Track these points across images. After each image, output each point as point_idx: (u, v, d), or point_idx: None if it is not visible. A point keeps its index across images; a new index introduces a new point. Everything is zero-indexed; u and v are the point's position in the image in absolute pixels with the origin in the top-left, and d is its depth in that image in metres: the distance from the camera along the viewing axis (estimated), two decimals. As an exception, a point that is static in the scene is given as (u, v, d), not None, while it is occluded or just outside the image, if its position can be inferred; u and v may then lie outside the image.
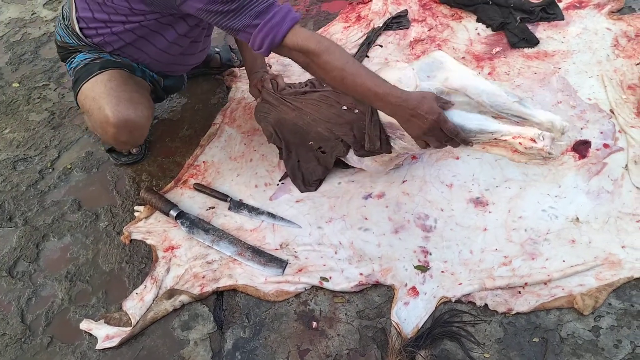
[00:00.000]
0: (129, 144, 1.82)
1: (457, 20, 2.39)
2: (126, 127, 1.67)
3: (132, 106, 1.67)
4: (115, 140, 1.73)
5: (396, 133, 1.59)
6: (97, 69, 1.71)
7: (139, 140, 1.78)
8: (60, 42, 1.84)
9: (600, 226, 1.61)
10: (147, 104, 1.75)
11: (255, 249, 1.70)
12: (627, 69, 2.05)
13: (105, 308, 1.65)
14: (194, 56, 1.92)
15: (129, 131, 1.69)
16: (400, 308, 1.51)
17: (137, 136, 1.74)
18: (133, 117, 1.67)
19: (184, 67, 1.97)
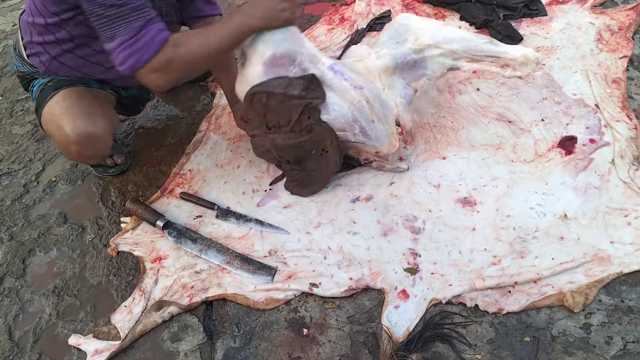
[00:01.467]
0: (96, 158, 1.80)
1: (440, 19, 2.38)
2: (88, 141, 1.66)
3: (90, 120, 1.66)
4: (80, 156, 1.73)
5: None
6: (52, 91, 1.70)
7: (104, 151, 1.77)
8: (18, 73, 1.84)
9: (589, 222, 1.61)
10: (106, 115, 1.73)
11: (243, 257, 1.68)
12: (611, 62, 2.05)
13: (93, 322, 1.63)
14: None
15: (92, 145, 1.68)
16: (391, 312, 1.50)
17: (101, 148, 1.72)
18: (92, 130, 1.65)
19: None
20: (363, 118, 1.64)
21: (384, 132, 1.70)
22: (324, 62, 1.58)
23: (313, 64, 1.56)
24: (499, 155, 1.82)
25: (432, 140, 1.91)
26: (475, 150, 1.85)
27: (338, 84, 1.59)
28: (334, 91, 1.59)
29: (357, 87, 1.61)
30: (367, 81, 1.67)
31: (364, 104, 1.62)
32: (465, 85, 2.07)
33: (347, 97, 1.61)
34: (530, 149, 1.82)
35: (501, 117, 1.93)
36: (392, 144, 1.74)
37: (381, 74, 1.70)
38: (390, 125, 1.72)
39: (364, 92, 1.63)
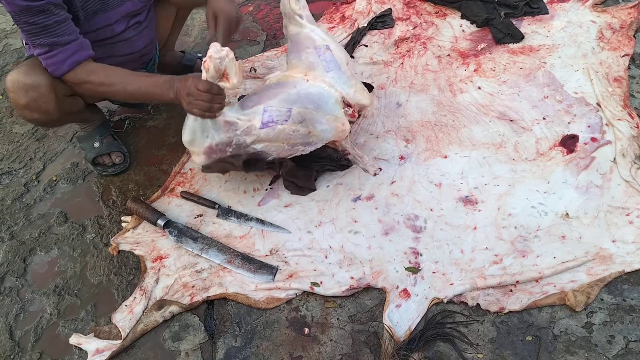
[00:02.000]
0: (35, 110, 1.72)
1: (441, 18, 2.38)
2: (20, 87, 1.66)
3: (30, 71, 1.67)
4: (17, 104, 1.71)
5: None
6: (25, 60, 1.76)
7: (42, 104, 1.70)
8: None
9: (590, 221, 1.61)
10: (47, 71, 1.69)
11: (244, 256, 1.68)
12: (613, 61, 2.04)
13: (94, 321, 1.63)
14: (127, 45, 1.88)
15: (23, 92, 1.67)
16: (392, 311, 1.50)
17: (34, 97, 1.67)
18: (23, 78, 1.66)
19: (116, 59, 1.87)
20: (300, 139, 1.71)
21: (327, 128, 1.73)
22: (255, 125, 1.66)
23: (247, 135, 1.66)
24: (501, 154, 1.82)
25: (433, 139, 1.91)
26: (476, 149, 1.85)
27: (272, 134, 1.67)
28: (269, 141, 1.68)
29: (287, 119, 1.67)
30: (290, 91, 1.72)
31: (297, 128, 1.69)
32: (466, 84, 2.06)
33: (280, 136, 1.68)
34: (532, 147, 1.82)
35: (502, 116, 1.93)
36: (340, 129, 1.76)
37: (294, 68, 1.83)
38: (333, 112, 1.73)
39: (292, 113, 1.68)
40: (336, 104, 1.75)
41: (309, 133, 1.71)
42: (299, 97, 1.71)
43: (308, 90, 1.73)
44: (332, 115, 1.73)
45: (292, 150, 1.74)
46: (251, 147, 1.69)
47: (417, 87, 2.10)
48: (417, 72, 2.16)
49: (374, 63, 2.23)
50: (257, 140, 1.68)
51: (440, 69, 2.15)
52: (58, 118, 1.79)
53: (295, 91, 1.72)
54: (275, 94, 1.72)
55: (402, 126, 1.97)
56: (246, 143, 1.68)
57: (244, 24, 2.59)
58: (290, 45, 1.88)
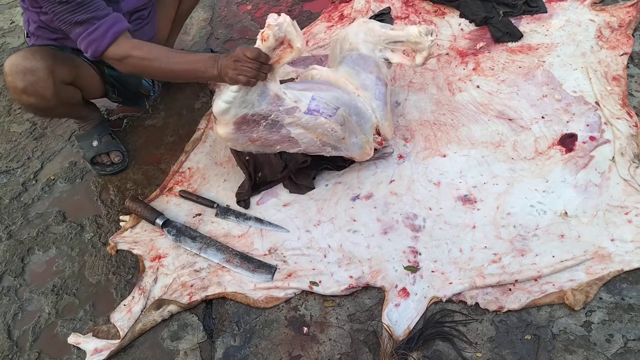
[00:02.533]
0: (32, 94, 1.71)
1: (440, 16, 2.37)
2: (18, 71, 1.66)
3: (29, 56, 1.67)
4: (14, 88, 1.70)
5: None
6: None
7: (39, 88, 1.69)
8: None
9: (589, 220, 1.61)
10: (49, 58, 1.69)
11: (243, 255, 1.68)
12: (612, 60, 2.04)
13: (93, 321, 1.63)
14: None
15: (21, 75, 1.66)
16: (391, 310, 1.50)
17: (32, 81, 1.67)
18: (23, 62, 1.66)
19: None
20: (333, 140, 1.71)
21: (358, 143, 1.77)
22: (300, 109, 1.62)
23: (289, 115, 1.62)
24: (499, 152, 1.82)
25: (432, 137, 1.90)
26: (475, 147, 1.85)
27: (312, 123, 1.65)
28: (305, 129, 1.66)
29: (331, 115, 1.67)
30: (342, 94, 1.72)
31: (335, 128, 1.68)
32: (465, 83, 2.06)
33: (318, 130, 1.67)
34: (531, 146, 1.82)
35: (501, 115, 1.93)
36: (366, 152, 1.80)
37: (347, 79, 1.80)
38: (367, 135, 1.77)
39: (338, 112, 1.68)
40: (372, 128, 1.79)
41: (342, 139, 1.72)
42: (349, 104, 1.72)
43: (357, 104, 1.76)
44: (366, 137, 1.78)
45: (320, 148, 1.74)
46: (286, 128, 1.64)
47: (415, 86, 2.10)
48: (416, 70, 2.16)
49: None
50: (294, 124, 1.63)
51: (439, 68, 2.15)
52: (55, 105, 1.77)
53: (348, 97, 1.74)
54: (328, 89, 1.72)
55: (401, 125, 1.97)
56: (283, 123, 1.62)
57: (242, 22, 2.59)
58: (356, 58, 1.83)
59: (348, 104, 1.72)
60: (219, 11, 2.68)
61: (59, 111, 1.89)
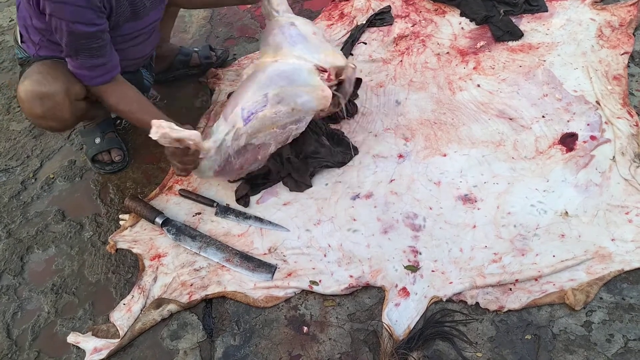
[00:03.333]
0: (51, 119, 1.71)
1: (440, 15, 2.37)
2: (34, 97, 1.64)
3: (43, 80, 1.65)
4: (32, 114, 1.68)
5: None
6: (32, 63, 1.73)
7: (57, 112, 1.68)
8: (18, 60, 1.85)
9: (590, 219, 1.60)
10: (63, 79, 1.68)
11: (243, 255, 1.68)
12: (612, 59, 2.04)
13: (92, 320, 1.63)
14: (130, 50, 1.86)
15: (39, 101, 1.64)
16: (392, 309, 1.50)
17: (50, 106, 1.65)
18: (38, 88, 1.63)
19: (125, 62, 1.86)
20: (286, 118, 1.73)
21: (306, 97, 1.73)
22: (239, 126, 1.68)
23: (238, 139, 1.69)
24: (500, 152, 1.82)
25: (432, 137, 1.90)
26: (475, 147, 1.84)
27: (259, 124, 1.70)
28: (258, 132, 1.71)
29: (265, 104, 1.69)
30: (260, 77, 1.73)
31: (277, 109, 1.70)
32: (465, 82, 2.06)
33: (266, 122, 1.71)
34: (531, 145, 1.82)
35: (502, 114, 1.92)
36: (320, 95, 1.75)
37: (265, 56, 1.82)
38: (309, 83, 1.74)
39: (269, 96, 1.70)
40: (310, 73, 1.75)
41: (292, 110, 1.72)
42: (270, 79, 1.72)
43: (278, 69, 1.74)
44: (309, 86, 1.73)
45: (285, 132, 1.76)
46: (249, 144, 1.71)
47: (416, 85, 2.09)
48: (416, 69, 2.15)
49: (373, 61, 2.23)
50: (248, 137, 1.70)
51: (440, 67, 2.15)
52: (72, 123, 1.81)
53: (265, 75, 1.73)
54: (249, 87, 1.73)
55: (401, 124, 1.97)
56: (241, 145, 1.70)
57: (242, 21, 2.58)
58: (261, 38, 1.89)
59: (271, 80, 1.72)
60: (218, 10, 2.68)
61: (75, 124, 1.89)
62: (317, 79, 1.75)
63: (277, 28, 1.83)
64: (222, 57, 2.36)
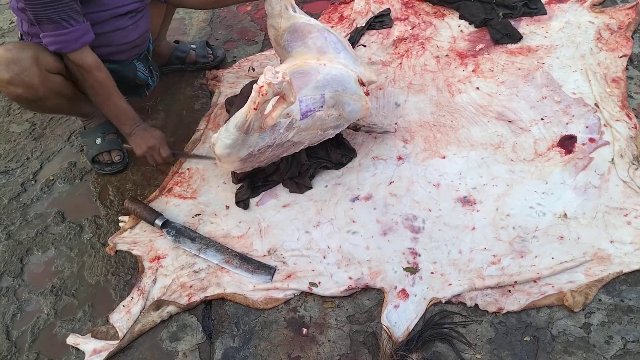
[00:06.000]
0: (19, 85, 1.68)
1: (439, 18, 2.38)
2: (1, 63, 1.64)
3: (12, 48, 1.67)
4: (0, 82, 1.67)
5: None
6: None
7: (24, 77, 1.67)
8: None
9: (588, 221, 1.61)
10: (33, 47, 1.68)
11: (242, 256, 1.68)
12: (611, 62, 2.05)
13: (91, 321, 1.63)
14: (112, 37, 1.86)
15: (5, 66, 1.64)
16: (391, 311, 1.50)
17: (17, 71, 1.65)
18: (5, 54, 1.64)
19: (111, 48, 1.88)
20: (332, 122, 1.74)
21: (354, 107, 1.76)
22: (296, 118, 1.65)
23: (289, 130, 1.66)
24: (499, 154, 1.82)
25: (431, 139, 1.90)
26: (474, 149, 1.85)
27: (311, 122, 1.68)
28: (306, 130, 1.70)
29: (322, 105, 1.68)
30: (315, 77, 1.70)
31: (330, 112, 1.70)
32: (464, 84, 2.06)
33: (317, 123, 1.70)
34: (530, 148, 1.82)
35: (501, 116, 1.93)
36: (365, 107, 1.79)
37: (303, 57, 1.79)
38: (356, 92, 1.75)
39: (326, 97, 1.68)
40: (356, 83, 1.77)
41: (339, 115, 1.73)
42: (327, 81, 1.70)
43: (332, 73, 1.73)
44: (357, 95, 1.76)
45: (323, 135, 1.77)
46: (289, 140, 1.69)
47: (415, 88, 2.10)
48: (416, 72, 2.16)
49: (373, 63, 2.23)
50: (297, 133, 1.68)
51: (439, 70, 2.15)
52: (44, 95, 1.75)
53: (322, 77, 1.70)
54: (305, 83, 1.68)
55: (401, 127, 1.97)
56: (288, 139, 1.68)
57: (242, 23, 2.59)
58: (289, 37, 1.85)
59: (327, 82, 1.70)
60: (218, 12, 2.68)
61: (53, 102, 1.83)
62: (361, 90, 1.77)
63: (315, 32, 1.82)
64: (219, 57, 2.37)
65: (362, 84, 1.79)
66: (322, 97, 1.67)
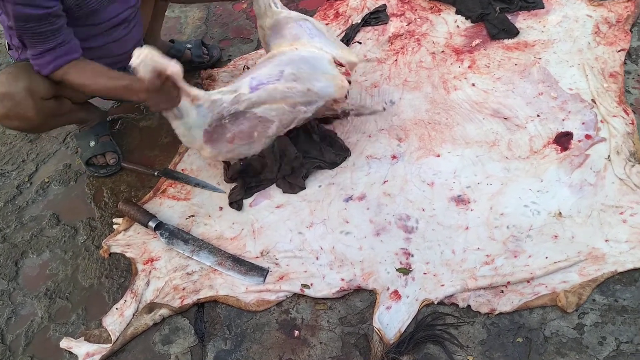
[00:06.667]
0: (14, 118, 1.69)
1: (435, 13, 2.35)
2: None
3: (5, 80, 1.64)
4: None
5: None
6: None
7: (20, 111, 1.66)
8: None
9: (583, 220, 1.59)
10: (26, 78, 1.66)
11: (235, 258, 1.67)
12: (609, 56, 2.01)
13: (85, 325, 1.63)
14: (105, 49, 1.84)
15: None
16: (383, 313, 1.49)
17: (10, 105, 1.64)
18: (3, 90, 1.63)
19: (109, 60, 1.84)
20: (299, 97, 1.71)
21: (326, 84, 1.74)
22: (243, 92, 1.66)
23: (238, 103, 1.66)
24: (494, 152, 1.80)
25: (426, 137, 1.89)
26: (469, 147, 1.83)
27: (266, 94, 1.67)
28: (264, 104, 1.68)
29: (278, 78, 1.68)
30: (279, 59, 1.74)
31: (292, 85, 1.69)
32: (460, 81, 2.04)
33: (276, 96, 1.68)
34: (526, 145, 1.80)
35: (496, 113, 1.90)
36: (340, 85, 1.77)
37: (278, 48, 1.82)
38: (330, 72, 1.75)
39: (285, 73, 1.69)
40: (330, 63, 1.77)
41: (307, 90, 1.72)
42: (292, 60, 1.73)
43: (300, 55, 1.75)
44: (330, 74, 1.76)
45: (293, 112, 1.73)
46: (249, 112, 1.68)
47: (410, 85, 2.08)
48: (411, 69, 2.14)
49: (368, 60, 2.21)
50: (250, 105, 1.67)
51: (434, 66, 2.13)
52: (40, 123, 1.75)
53: (286, 57, 1.74)
54: (264, 65, 1.74)
55: (395, 125, 1.95)
56: (240, 110, 1.66)
57: (237, 21, 2.57)
58: (270, 34, 1.88)
59: (292, 61, 1.72)
60: (214, 10, 2.67)
61: (50, 125, 1.88)
62: (337, 70, 1.78)
63: (292, 22, 1.84)
64: (215, 57, 2.35)
65: (340, 65, 1.80)
66: (281, 73, 1.69)
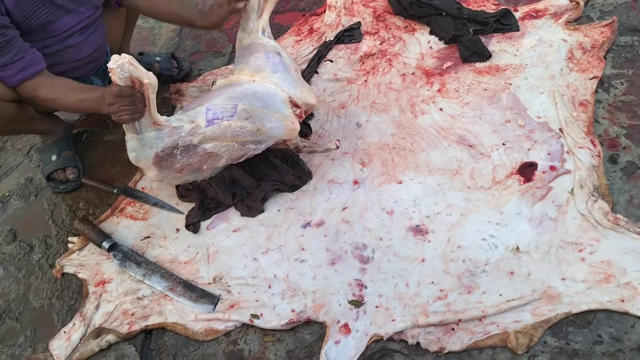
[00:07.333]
0: None
1: (410, 33, 2.31)
2: None
3: None
4: None
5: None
6: None
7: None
8: None
9: (541, 256, 1.55)
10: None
11: (187, 284, 1.64)
12: (580, 84, 1.97)
13: (32, 347, 1.60)
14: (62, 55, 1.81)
15: None
16: (331, 347, 1.46)
17: None
18: None
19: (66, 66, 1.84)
20: (249, 136, 1.71)
21: (276, 125, 1.72)
22: (200, 125, 1.65)
23: (192, 135, 1.65)
24: (456, 181, 1.77)
25: (389, 162, 1.85)
26: (432, 174, 1.79)
27: (219, 131, 1.66)
28: (216, 140, 1.68)
29: (232, 114, 1.67)
30: (235, 89, 1.72)
31: (243, 124, 1.68)
32: (428, 105, 2.00)
33: (227, 134, 1.68)
34: (489, 175, 1.76)
35: (462, 140, 1.87)
36: (290, 127, 1.75)
37: (239, 73, 1.83)
38: (281, 111, 1.73)
39: (238, 109, 1.67)
40: (284, 103, 1.75)
41: (257, 130, 1.70)
42: (245, 94, 1.71)
43: (255, 89, 1.73)
44: (281, 114, 1.73)
45: (243, 149, 1.73)
46: (200, 147, 1.68)
47: (378, 107, 2.04)
48: (380, 90, 2.10)
49: (338, 80, 2.18)
50: (204, 140, 1.67)
51: (404, 88, 2.09)
52: (3, 125, 1.75)
53: (241, 89, 1.72)
54: (219, 94, 1.72)
55: (360, 148, 1.92)
56: (193, 143, 1.66)
57: (211, 34, 2.54)
58: (239, 53, 1.87)
59: (245, 95, 1.70)
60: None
61: (8, 129, 1.85)
62: (290, 111, 1.75)
63: (262, 52, 1.81)
64: (184, 70, 2.32)
65: (296, 106, 1.77)
66: (234, 108, 1.67)
